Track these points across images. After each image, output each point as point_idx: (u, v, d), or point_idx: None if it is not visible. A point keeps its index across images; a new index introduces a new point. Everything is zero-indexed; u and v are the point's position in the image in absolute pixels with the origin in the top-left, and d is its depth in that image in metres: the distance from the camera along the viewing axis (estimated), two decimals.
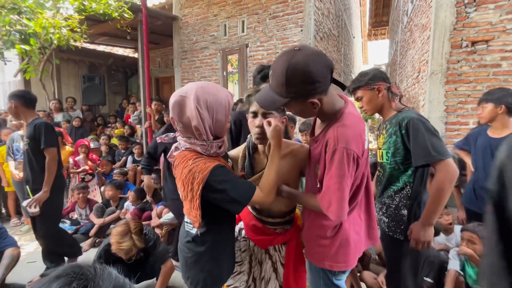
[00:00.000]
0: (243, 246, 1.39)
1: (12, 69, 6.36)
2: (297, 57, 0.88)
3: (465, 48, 3.03)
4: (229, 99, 1.07)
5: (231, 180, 1.03)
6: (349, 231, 1.08)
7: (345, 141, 0.92)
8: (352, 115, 1.00)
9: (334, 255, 1.08)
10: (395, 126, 1.43)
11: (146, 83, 4.44)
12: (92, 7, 4.07)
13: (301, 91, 0.92)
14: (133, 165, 4.69)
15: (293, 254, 1.29)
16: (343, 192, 0.94)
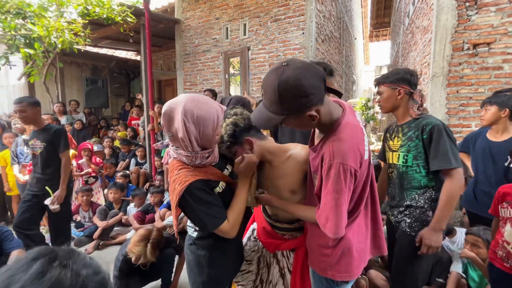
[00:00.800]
0: (253, 246, 1.41)
1: (16, 72, 6.43)
2: (286, 73, 0.86)
3: (466, 51, 3.03)
4: (219, 113, 1.07)
5: (204, 202, 1.04)
6: (352, 240, 1.05)
7: (341, 156, 0.90)
8: (349, 126, 0.97)
9: (336, 265, 1.07)
10: (416, 130, 1.46)
11: (148, 87, 4.48)
12: (96, 12, 4.12)
13: (296, 107, 0.89)
14: (136, 167, 4.73)
15: (300, 261, 1.28)
16: (340, 209, 0.92)
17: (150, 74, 4.45)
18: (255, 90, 5.01)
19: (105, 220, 3.41)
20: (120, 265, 1.91)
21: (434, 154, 1.39)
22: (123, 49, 8.33)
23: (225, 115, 1.13)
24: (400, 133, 1.55)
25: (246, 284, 1.37)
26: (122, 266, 1.90)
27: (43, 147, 2.51)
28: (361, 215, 1.08)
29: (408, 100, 1.52)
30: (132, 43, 6.37)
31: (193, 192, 1.03)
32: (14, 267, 0.49)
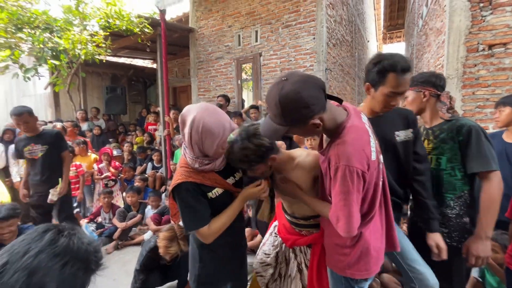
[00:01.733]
0: (273, 241, 1.49)
1: (42, 82, 6.86)
2: (286, 87, 0.91)
3: (481, 52, 2.98)
4: (225, 131, 1.14)
5: (187, 205, 1.13)
6: (370, 240, 1.08)
7: (346, 158, 0.93)
8: (354, 128, 0.99)
9: (356, 264, 1.09)
10: (450, 132, 1.42)
11: (165, 94, 4.66)
12: (116, 24, 4.36)
13: (298, 118, 0.93)
14: (152, 171, 4.90)
15: (317, 257, 1.33)
16: (350, 209, 0.95)
17: (166, 81, 4.63)
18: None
19: (124, 222, 3.57)
20: (143, 260, 2.02)
21: (472, 156, 1.35)
22: (140, 58, 8.69)
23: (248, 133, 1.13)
24: (431, 136, 1.51)
25: (265, 275, 1.44)
26: (145, 262, 2.02)
27: (45, 149, 2.73)
28: (376, 215, 1.11)
29: (435, 102, 1.50)
30: (149, 52, 6.65)
31: (180, 192, 1.13)
32: (28, 238, 0.65)
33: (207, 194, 1.17)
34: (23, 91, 8.29)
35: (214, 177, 1.19)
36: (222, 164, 1.23)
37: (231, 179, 1.26)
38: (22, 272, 0.58)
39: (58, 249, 0.63)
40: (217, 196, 1.19)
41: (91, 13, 4.64)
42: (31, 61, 5.53)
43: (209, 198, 1.18)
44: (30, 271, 0.59)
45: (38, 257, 0.60)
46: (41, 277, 0.58)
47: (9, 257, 0.60)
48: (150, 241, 2.10)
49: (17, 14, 3.96)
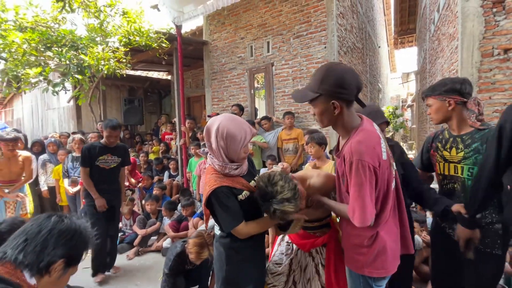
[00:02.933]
0: (286, 249, 1.55)
1: (64, 96, 7.26)
2: (337, 66, 1.13)
3: (497, 56, 2.96)
4: (247, 135, 1.28)
5: (225, 207, 1.24)
6: (386, 240, 1.15)
7: (359, 154, 1.05)
8: (366, 131, 1.13)
9: (373, 262, 1.15)
10: (484, 142, 1.40)
11: (181, 105, 4.85)
12: (136, 40, 4.62)
13: (330, 90, 1.10)
14: (169, 179, 5.05)
15: (333, 254, 1.43)
16: (363, 199, 1.04)
17: (182, 93, 4.83)
18: (279, 104, 5.18)
19: (144, 229, 3.69)
20: (171, 264, 2.13)
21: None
22: (156, 70, 9.03)
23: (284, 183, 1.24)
24: (460, 144, 1.49)
25: (277, 284, 1.49)
26: (173, 266, 2.12)
27: (118, 162, 2.92)
28: (391, 217, 1.18)
29: (462, 110, 1.47)
30: (164, 64, 6.93)
31: (218, 195, 1.24)
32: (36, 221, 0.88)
33: (237, 196, 1.29)
34: (48, 105, 8.78)
35: (241, 181, 1.32)
36: (246, 169, 1.37)
37: (253, 183, 1.38)
38: (41, 245, 0.81)
39: (64, 227, 0.86)
40: (246, 198, 1.31)
41: (112, 30, 4.93)
42: (56, 76, 5.89)
43: (239, 200, 1.29)
44: (46, 243, 0.81)
45: (51, 233, 0.84)
46: (53, 248, 0.82)
47: (27, 235, 0.83)
48: (176, 246, 2.20)
49: (47, 34, 4.27)
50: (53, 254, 0.82)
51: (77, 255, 0.89)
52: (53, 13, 4.63)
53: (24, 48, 3.96)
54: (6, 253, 0.79)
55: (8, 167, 3.04)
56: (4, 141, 2.96)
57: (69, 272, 0.88)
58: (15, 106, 10.73)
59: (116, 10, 4.76)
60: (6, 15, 4.34)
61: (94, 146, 2.82)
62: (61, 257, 0.83)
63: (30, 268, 0.79)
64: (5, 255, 0.79)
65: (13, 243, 0.82)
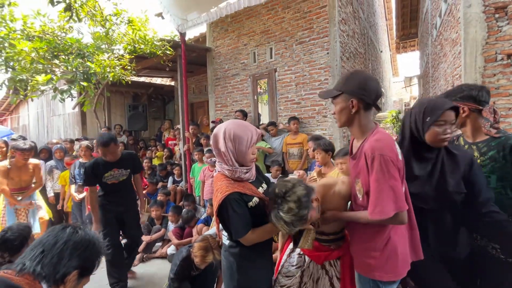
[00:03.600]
0: (298, 262, 1.52)
1: (70, 102, 7.36)
2: (363, 72, 1.30)
3: (500, 61, 2.96)
4: (253, 135, 1.31)
5: (236, 214, 1.22)
6: (398, 243, 1.17)
7: (380, 149, 1.11)
8: (382, 133, 1.21)
9: (384, 266, 1.16)
10: (501, 150, 1.38)
11: (185, 111, 4.89)
12: (141, 48, 4.70)
13: (351, 89, 1.21)
14: (173, 185, 5.07)
15: (348, 267, 1.42)
16: (387, 192, 1.08)
17: (186, 99, 4.87)
18: (282, 109, 5.21)
19: (148, 235, 3.70)
20: (176, 269, 2.14)
21: None
22: (159, 76, 9.14)
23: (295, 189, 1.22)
24: (475, 152, 1.48)
25: None
26: (178, 271, 2.13)
27: (127, 174, 2.74)
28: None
29: (477, 117, 1.47)
30: (168, 71, 7.01)
31: (231, 202, 1.23)
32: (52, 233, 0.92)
33: (248, 203, 1.28)
34: (53, 111, 8.90)
35: (251, 187, 1.32)
36: (255, 175, 1.39)
37: (260, 189, 1.38)
38: (57, 257, 0.85)
39: (78, 239, 0.90)
40: (256, 205, 1.30)
41: (117, 38, 5.02)
42: (62, 84, 5.98)
43: (249, 207, 1.28)
44: (62, 255, 0.85)
45: (66, 245, 0.87)
46: (68, 259, 0.86)
47: (44, 247, 0.86)
48: (182, 251, 2.22)
49: (54, 43, 4.36)
50: (68, 266, 0.85)
51: (91, 266, 0.93)
52: (60, 23, 4.73)
53: (32, 57, 4.05)
54: (25, 265, 0.82)
55: (19, 176, 3.08)
56: (21, 151, 2.98)
57: (82, 282, 0.91)
58: (21, 112, 10.89)
59: (122, 19, 4.85)
60: (14, 25, 4.44)
61: (97, 163, 2.60)
62: (75, 268, 0.86)
63: (47, 280, 0.82)
64: (24, 267, 0.82)
65: (30, 254, 0.84)
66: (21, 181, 3.11)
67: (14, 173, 3.03)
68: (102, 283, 2.79)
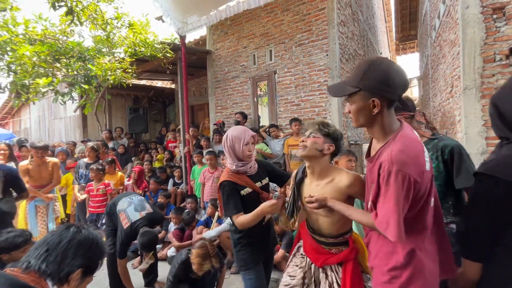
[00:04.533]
0: (300, 262, 1.52)
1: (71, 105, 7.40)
2: (385, 60, 1.00)
3: (499, 62, 2.97)
4: (246, 136, 1.66)
5: (227, 197, 1.60)
6: (424, 260, 0.99)
7: (400, 164, 0.91)
8: (407, 137, 0.99)
9: (407, 287, 0.98)
10: (435, 152, 1.56)
11: (185, 114, 4.91)
12: (142, 51, 4.73)
13: (372, 85, 0.97)
14: (173, 187, 5.07)
15: (349, 275, 1.31)
16: (399, 214, 0.92)
17: (186, 102, 4.90)
18: (282, 111, 5.22)
19: None
20: (175, 271, 2.14)
21: (459, 174, 1.50)
22: (160, 79, 9.18)
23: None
24: None
25: None
26: (177, 273, 2.13)
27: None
28: (432, 235, 1.04)
29: (412, 123, 1.65)
30: (168, 74, 7.05)
31: (224, 186, 1.63)
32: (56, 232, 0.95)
33: (240, 192, 1.62)
34: (54, 114, 8.95)
35: (245, 179, 1.66)
36: (253, 170, 1.70)
37: (258, 183, 1.69)
38: (61, 255, 0.86)
39: (82, 238, 0.92)
40: (247, 194, 1.63)
41: (118, 41, 5.06)
42: (63, 87, 6.03)
43: (242, 195, 1.62)
44: (66, 254, 0.87)
45: (70, 243, 0.89)
46: (72, 258, 0.88)
47: (48, 245, 0.88)
48: (182, 254, 2.21)
49: (55, 46, 4.40)
50: (72, 264, 0.87)
51: (94, 265, 0.94)
52: (62, 26, 4.78)
53: (34, 61, 4.09)
54: (30, 263, 0.84)
55: (39, 173, 3.31)
56: (36, 149, 3.23)
57: (86, 281, 0.92)
58: (23, 116, 10.95)
59: (123, 22, 4.90)
60: (16, 29, 4.49)
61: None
62: (79, 267, 0.88)
63: (52, 277, 0.83)
64: (30, 265, 0.83)
65: (35, 253, 0.86)
66: (41, 179, 3.33)
67: (34, 171, 3.27)
68: (102, 284, 2.80)
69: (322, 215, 1.39)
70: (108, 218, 2.67)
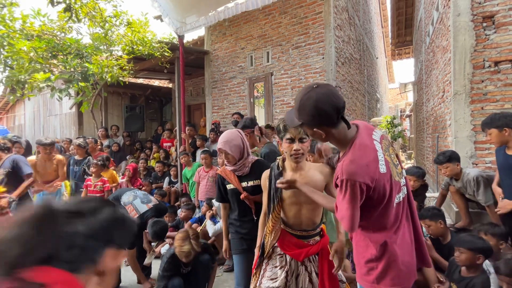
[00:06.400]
0: (279, 262, 1.54)
1: (67, 103, 7.36)
2: (311, 93, 1.07)
3: (488, 68, 3.07)
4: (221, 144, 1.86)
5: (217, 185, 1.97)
6: (397, 253, 1.09)
7: (349, 173, 1.03)
8: (359, 146, 1.10)
9: (384, 277, 1.10)
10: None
11: (182, 113, 4.94)
12: (139, 49, 4.76)
13: (308, 120, 1.10)
14: (168, 186, 5.08)
15: (326, 261, 1.48)
16: (352, 212, 1.05)
17: (183, 101, 4.93)
18: (278, 112, 5.28)
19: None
20: (164, 265, 2.16)
21: None
22: (157, 78, 9.18)
23: None
24: None
25: None
26: (166, 266, 2.15)
27: None
28: (404, 228, 1.14)
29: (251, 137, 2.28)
30: (165, 73, 7.07)
31: (218, 178, 1.97)
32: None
33: (226, 185, 1.91)
34: (50, 111, 8.89)
35: (232, 176, 1.88)
36: (243, 172, 1.88)
37: (245, 184, 1.87)
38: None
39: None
40: (231, 189, 1.90)
41: (116, 39, 5.07)
42: (59, 83, 6.01)
43: (228, 188, 1.89)
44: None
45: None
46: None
47: None
48: (171, 249, 2.24)
49: (53, 43, 4.40)
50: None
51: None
52: (60, 23, 4.78)
53: (31, 56, 4.08)
54: None
55: (44, 169, 3.42)
56: (43, 145, 3.31)
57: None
58: (17, 112, 10.85)
59: (121, 21, 4.91)
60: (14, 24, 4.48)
61: None
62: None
63: None
64: None
65: None
66: (46, 174, 3.43)
67: (40, 167, 3.37)
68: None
69: (307, 203, 1.48)
70: None
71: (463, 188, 2.61)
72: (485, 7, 3.06)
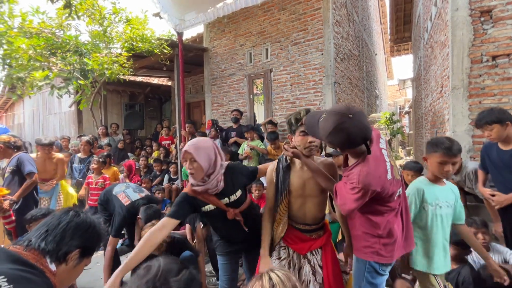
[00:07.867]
0: (283, 254, 1.58)
1: (66, 101, 7.36)
2: (345, 125, 1.15)
3: (485, 63, 3.09)
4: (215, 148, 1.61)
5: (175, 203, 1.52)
6: (397, 232, 1.32)
7: (365, 184, 1.19)
8: (373, 159, 1.23)
9: (383, 250, 1.31)
10: None
11: (181, 110, 4.95)
12: (139, 46, 4.75)
13: (336, 145, 1.24)
14: (168, 183, 5.11)
15: (330, 256, 1.53)
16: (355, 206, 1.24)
17: (183, 98, 4.94)
18: (277, 109, 5.30)
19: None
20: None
21: None
22: (156, 76, 9.18)
23: None
24: None
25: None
26: None
27: None
28: (399, 217, 1.36)
29: None
30: (165, 70, 7.06)
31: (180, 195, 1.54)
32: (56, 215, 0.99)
33: (201, 207, 1.54)
34: (49, 110, 8.88)
35: (207, 196, 1.54)
36: (217, 189, 1.54)
37: (225, 200, 1.57)
38: (60, 235, 0.92)
39: (80, 221, 0.97)
40: (211, 210, 1.56)
41: (115, 36, 5.07)
42: (58, 81, 6.01)
43: (204, 211, 1.55)
44: (64, 234, 0.92)
45: (68, 225, 0.94)
46: (70, 238, 0.93)
47: (48, 227, 0.94)
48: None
49: (52, 40, 4.40)
50: (70, 244, 0.92)
51: (91, 247, 0.99)
52: (58, 20, 4.77)
53: (30, 54, 4.08)
54: (31, 241, 0.89)
55: (44, 167, 3.40)
56: (42, 145, 3.33)
57: (84, 262, 0.97)
58: (16, 110, 10.84)
59: (120, 18, 4.91)
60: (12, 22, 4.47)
61: None
62: (77, 247, 0.93)
63: (50, 255, 0.88)
64: (30, 243, 0.89)
65: (36, 233, 0.92)
66: (45, 172, 3.41)
67: (39, 165, 3.33)
68: (96, 276, 2.84)
69: (312, 196, 1.51)
70: (102, 207, 2.70)
71: (462, 181, 2.63)
72: (483, 1, 3.07)
